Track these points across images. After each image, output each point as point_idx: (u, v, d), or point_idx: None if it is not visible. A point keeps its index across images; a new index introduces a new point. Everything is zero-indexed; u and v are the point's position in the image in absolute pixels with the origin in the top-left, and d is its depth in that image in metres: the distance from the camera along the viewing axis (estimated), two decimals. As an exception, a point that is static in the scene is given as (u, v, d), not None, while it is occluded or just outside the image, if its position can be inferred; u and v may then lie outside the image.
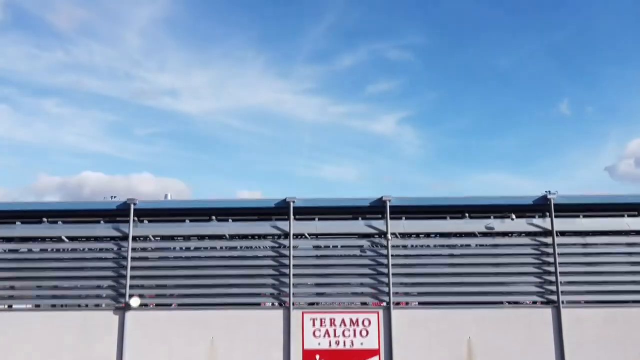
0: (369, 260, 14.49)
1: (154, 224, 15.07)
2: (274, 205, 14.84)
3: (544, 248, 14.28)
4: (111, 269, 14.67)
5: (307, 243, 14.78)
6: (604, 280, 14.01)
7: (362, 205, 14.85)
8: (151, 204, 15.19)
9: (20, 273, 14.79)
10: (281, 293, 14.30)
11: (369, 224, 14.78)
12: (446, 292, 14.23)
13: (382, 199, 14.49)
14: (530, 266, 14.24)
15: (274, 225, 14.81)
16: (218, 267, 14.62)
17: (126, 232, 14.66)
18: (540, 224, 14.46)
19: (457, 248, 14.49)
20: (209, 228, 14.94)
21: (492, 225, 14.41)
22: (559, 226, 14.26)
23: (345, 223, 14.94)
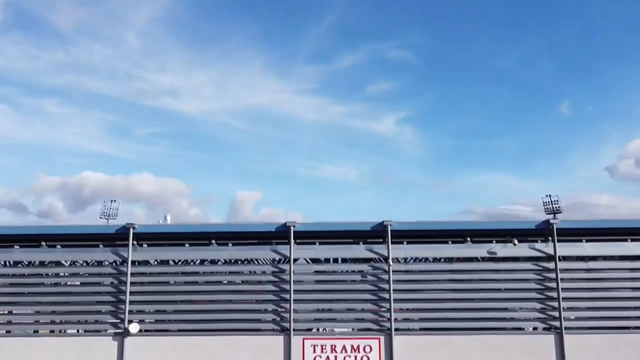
0: (370, 285, 14.36)
1: (153, 248, 14.96)
2: (274, 230, 14.73)
3: (546, 273, 14.15)
4: (110, 294, 14.54)
5: (308, 268, 14.67)
6: (607, 306, 13.88)
7: (363, 230, 14.74)
8: (150, 228, 15.11)
9: (18, 298, 14.68)
10: (282, 319, 14.16)
11: (370, 248, 14.65)
12: (448, 317, 14.10)
13: (383, 223, 14.38)
14: (532, 292, 14.12)
15: (274, 250, 14.69)
16: (218, 292, 14.50)
17: (125, 256, 14.54)
18: (542, 248, 14.34)
19: (459, 273, 14.36)
20: (209, 252, 14.83)
21: (494, 250, 14.29)
22: (561, 251, 14.14)
23: (346, 247, 14.82)
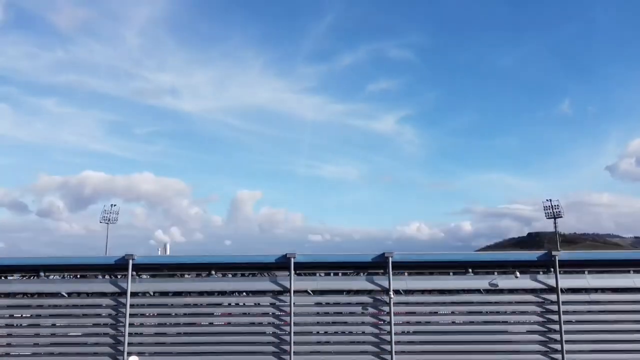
0: (371, 317, 14.23)
1: (152, 279, 14.85)
2: (275, 261, 14.64)
3: (548, 305, 14.04)
4: (109, 326, 14.39)
5: (308, 300, 14.53)
6: (609, 339, 13.75)
7: (363, 261, 14.67)
8: (150, 259, 15.02)
9: (16, 330, 14.52)
10: (282, 350, 14.00)
11: (371, 279, 14.54)
12: (450, 350, 13.94)
13: (384, 255, 14.31)
14: (534, 324, 14.00)
15: (274, 281, 14.59)
16: (217, 324, 14.37)
17: (124, 287, 14.43)
18: (544, 280, 14.25)
19: (461, 305, 14.26)
20: (209, 284, 14.71)
21: (495, 282, 14.21)
22: (563, 283, 14.05)
23: (347, 279, 14.73)
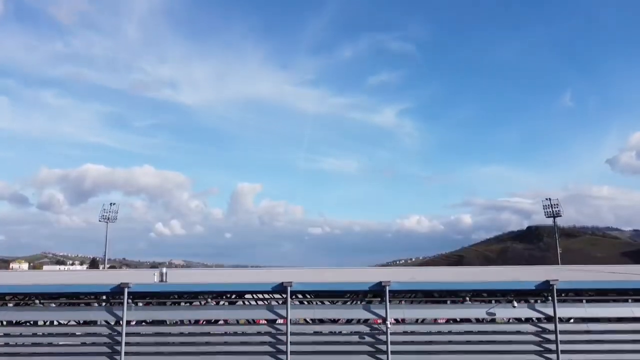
0: (368, 346, 14.17)
1: (148, 308, 14.78)
2: (271, 289, 14.56)
3: (546, 335, 13.98)
4: (105, 355, 14.33)
5: (305, 328, 14.49)
6: (608, 370, 13.70)
7: (360, 290, 14.60)
8: (145, 287, 14.90)
9: (10, 359, 14.45)
10: (278, 380, 13.95)
11: (368, 308, 14.47)
12: (447, 380, 13.90)
13: (381, 283, 14.23)
14: (532, 354, 13.92)
15: (270, 309, 14.51)
16: (214, 353, 14.29)
17: (120, 315, 14.36)
18: (542, 309, 14.18)
19: (458, 334, 14.20)
20: (205, 312, 14.64)
21: (493, 311, 14.14)
22: (561, 312, 13.98)
23: (344, 307, 14.67)
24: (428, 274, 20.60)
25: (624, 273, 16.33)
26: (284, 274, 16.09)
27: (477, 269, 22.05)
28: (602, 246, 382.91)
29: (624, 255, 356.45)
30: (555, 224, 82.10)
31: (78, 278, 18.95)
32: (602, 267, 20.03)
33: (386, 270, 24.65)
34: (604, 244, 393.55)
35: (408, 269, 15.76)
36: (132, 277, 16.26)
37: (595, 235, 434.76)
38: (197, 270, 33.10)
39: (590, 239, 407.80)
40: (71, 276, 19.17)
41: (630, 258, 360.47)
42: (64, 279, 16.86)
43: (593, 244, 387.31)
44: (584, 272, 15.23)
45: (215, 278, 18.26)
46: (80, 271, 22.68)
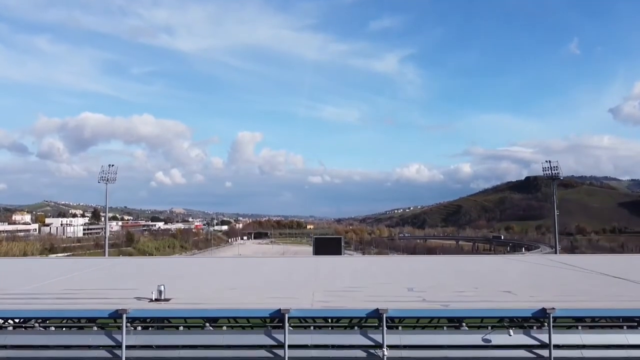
0: (365, 372, 14.37)
1: (146, 332, 14.94)
2: (269, 315, 14.63)
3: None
4: (105, 378, 14.56)
5: (303, 353, 14.64)
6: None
7: (357, 316, 14.69)
8: (142, 312, 14.95)
9: (13, 382, 14.70)
10: (276, 404, 14.23)
11: (365, 333, 14.59)
12: (442, 403, 14.19)
13: (378, 310, 14.28)
14: (527, 380, 14.16)
15: (268, 335, 14.63)
16: (213, 377, 14.52)
17: (119, 340, 14.49)
18: (537, 336, 14.30)
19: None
20: (203, 337, 14.77)
21: (489, 337, 14.27)
22: (556, 339, 14.09)
23: (341, 333, 14.84)
24: (426, 278, 20.73)
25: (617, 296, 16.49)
26: (282, 299, 16.15)
27: (478, 269, 22.15)
28: (599, 197, 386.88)
29: (620, 206, 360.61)
30: (553, 187, 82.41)
31: (81, 285, 19.05)
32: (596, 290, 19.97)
33: (385, 268, 25.17)
34: (601, 194, 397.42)
35: (408, 278, 15.33)
36: (134, 284, 16.34)
37: (593, 185, 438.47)
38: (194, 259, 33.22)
39: (588, 190, 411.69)
40: (75, 285, 19.27)
41: (627, 208, 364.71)
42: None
43: (590, 195, 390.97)
44: (581, 301, 15.34)
45: (212, 290, 18.35)
46: (83, 274, 22.93)
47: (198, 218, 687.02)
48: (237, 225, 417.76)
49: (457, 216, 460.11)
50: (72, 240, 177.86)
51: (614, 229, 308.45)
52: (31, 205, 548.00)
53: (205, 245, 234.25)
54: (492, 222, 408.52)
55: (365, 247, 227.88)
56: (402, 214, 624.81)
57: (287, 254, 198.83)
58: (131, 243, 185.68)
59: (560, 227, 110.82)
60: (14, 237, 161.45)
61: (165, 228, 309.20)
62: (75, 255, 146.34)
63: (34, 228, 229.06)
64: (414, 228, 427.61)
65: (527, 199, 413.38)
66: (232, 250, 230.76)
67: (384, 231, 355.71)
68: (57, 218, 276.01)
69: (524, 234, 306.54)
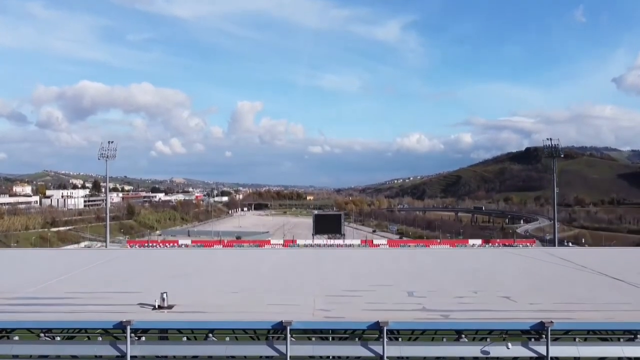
0: (365, 382, 14.68)
1: (150, 342, 15.18)
2: (271, 327, 14.84)
3: (538, 373, 14.45)
4: (110, 387, 14.89)
5: (304, 364, 14.95)
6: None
7: (358, 328, 14.91)
8: (146, 324, 15.17)
9: (20, 391, 15.04)
10: (278, 414, 14.59)
11: (366, 345, 14.84)
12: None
13: (378, 323, 14.49)
14: (524, 391, 14.48)
15: (270, 345, 14.88)
16: (216, 386, 14.85)
17: (124, 351, 14.76)
18: (535, 348, 14.54)
19: (453, 371, 14.68)
20: (206, 348, 15.03)
21: (487, 349, 14.52)
22: (554, 351, 14.35)
23: (343, 344, 15.08)
24: (426, 279, 20.92)
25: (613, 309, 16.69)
26: (284, 306, 16.37)
27: (477, 268, 22.33)
28: (599, 168, 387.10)
29: (620, 177, 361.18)
30: (554, 164, 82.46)
31: (84, 287, 19.25)
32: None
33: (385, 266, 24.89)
34: (601, 165, 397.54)
35: (409, 282, 15.33)
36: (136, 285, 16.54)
37: (593, 156, 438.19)
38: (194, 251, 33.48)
39: (588, 161, 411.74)
40: (77, 287, 19.48)
41: (626, 180, 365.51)
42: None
43: (590, 166, 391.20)
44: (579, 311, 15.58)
45: (213, 294, 18.57)
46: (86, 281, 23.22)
47: (198, 188, 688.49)
48: (237, 196, 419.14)
49: (456, 187, 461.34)
50: (73, 213, 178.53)
51: (613, 201, 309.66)
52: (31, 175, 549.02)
53: (206, 217, 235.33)
54: (491, 192, 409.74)
55: (364, 219, 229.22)
56: (401, 184, 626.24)
57: (287, 226, 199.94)
58: (132, 215, 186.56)
59: (559, 199, 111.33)
60: (15, 210, 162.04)
61: (165, 199, 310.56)
62: (77, 228, 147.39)
63: (34, 200, 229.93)
64: (413, 199, 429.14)
65: (526, 170, 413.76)
66: (232, 222, 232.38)
67: (383, 202, 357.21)
68: (58, 190, 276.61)
69: (523, 205, 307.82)
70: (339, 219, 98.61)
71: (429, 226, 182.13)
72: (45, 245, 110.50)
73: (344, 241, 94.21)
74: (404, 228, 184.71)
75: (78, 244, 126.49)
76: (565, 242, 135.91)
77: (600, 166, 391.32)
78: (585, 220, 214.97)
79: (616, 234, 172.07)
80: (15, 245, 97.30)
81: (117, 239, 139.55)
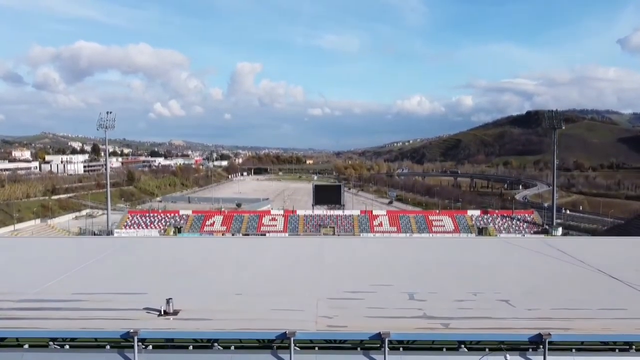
0: (367, 391, 15.13)
1: (157, 351, 15.54)
2: (275, 337, 15.18)
3: (535, 383, 14.87)
4: (119, 394, 15.35)
5: (308, 372, 15.35)
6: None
7: (360, 339, 15.25)
8: (153, 334, 15.51)
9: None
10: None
11: (368, 354, 15.21)
12: (440, 418, 15.05)
13: (380, 334, 14.82)
14: (521, 401, 14.93)
15: (275, 355, 15.25)
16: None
17: (131, 359, 15.17)
18: (532, 358, 14.92)
19: (452, 381, 15.10)
20: (212, 356, 15.41)
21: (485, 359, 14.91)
22: (551, 362, 14.76)
23: (344, 354, 15.42)
24: (426, 280, 21.21)
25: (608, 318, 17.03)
26: (287, 312, 16.72)
27: (476, 263, 22.64)
28: (600, 132, 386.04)
29: (620, 141, 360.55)
30: (554, 138, 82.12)
31: (88, 287, 19.56)
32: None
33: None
34: (601, 129, 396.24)
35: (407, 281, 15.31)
36: (140, 285, 16.87)
37: (594, 120, 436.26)
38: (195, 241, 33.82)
39: (588, 124, 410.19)
40: (82, 287, 19.82)
41: (626, 144, 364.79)
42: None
43: (590, 130, 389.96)
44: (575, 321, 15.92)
45: (217, 296, 18.89)
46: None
47: (197, 151, 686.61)
48: (236, 160, 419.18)
49: (456, 150, 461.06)
50: (73, 180, 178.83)
51: (612, 165, 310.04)
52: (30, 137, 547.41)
53: (206, 183, 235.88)
54: (490, 156, 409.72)
55: (364, 185, 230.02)
56: (401, 147, 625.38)
57: (286, 192, 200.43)
58: (132, 182, 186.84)
59: (558, 163, 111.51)
60: (15, 177, 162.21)
61: (165, 164, 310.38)
62: (77, 196, 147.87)
63: (34, 166, 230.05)
64: (412, 162, 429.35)
65: (527, 133, 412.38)
66: (232, 187, 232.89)
67: (382, 166, 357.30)
68: (57, 155, 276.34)
69: (522, 170, 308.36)
70: (339, 189, 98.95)
71: (428, 192, 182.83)
72: (47, 214, 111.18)
73: (344, 212, 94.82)
74: (403, 194, 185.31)
75: (79, 212, 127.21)
76: (563, 209, 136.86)
77: (600, 130, 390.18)
78: (584, 186, 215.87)
79: (614, 200, 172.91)
80: (17, 215, 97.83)
81: (118, 206, 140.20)
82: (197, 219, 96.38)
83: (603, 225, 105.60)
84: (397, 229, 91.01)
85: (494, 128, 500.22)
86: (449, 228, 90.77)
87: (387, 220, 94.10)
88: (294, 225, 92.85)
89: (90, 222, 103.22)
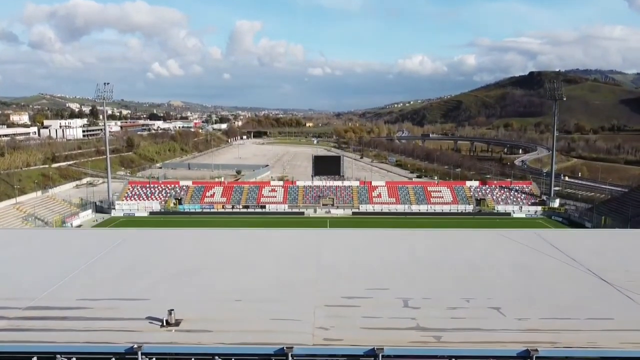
0: (362, 401, 15.85)
1: (161, 364, 16.23)
2: (273, 353, 15.80)
3: (522, 396, 15.56)
4: (125, 404, 16.09)
5: (305, 384, 16.04)
6: None
7: (355, 354, 15.84)
8: (156, 348, 16.11)
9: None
10: None
11: (362, 367, 15.87)
12: None
13: (374, 350, 15.42)
14: (509, 414, 15.64)
15: (273, 368, 15.92)
16: (223, 403, 16.02)
17: (136, 372, 15.85)
18: (521, 373, 15.58)
19: (443, 393, 15.78)
20: (213, 369, 16.08)
21: (476, 373, 15.55)
22: (538, 376, 15.39)
23: (340, 367, 16.09)
24: (422, 283, 21.70)
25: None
26: (284, 321, 17.34)
27: (471, 263, 23.15)
28: (602, 93, 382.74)
29: (622, 103, 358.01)
30: (555, 111, 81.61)
31: (90, 293, 20.09)
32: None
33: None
34: (604, 90, 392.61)
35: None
36: (143, 290, 17.44)
37: (597, 81, 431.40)
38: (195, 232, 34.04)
39: (591, 86, 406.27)
40: (84, 293, 20.35)
41: (628, 105, 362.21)
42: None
43: (593, 91, 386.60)
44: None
45: (217, 303, 19.43)
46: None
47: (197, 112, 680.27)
48: (236, 122, 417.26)
49: (457, 112, 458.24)
50: (73, 146, 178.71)
51: (613, 127, 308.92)
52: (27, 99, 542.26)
53: (205, 147, 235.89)
54: (491, 118, 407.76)
55: (364, 149, 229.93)
56: (402, 108, 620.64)
57: (286, 157, 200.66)
58: (132, 148, 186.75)
59: (558, 124, 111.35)
60: (14, 144, 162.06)
61: (164, 127, 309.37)
62: (77, 163, 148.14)
63: (33, 131, 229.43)
64: (413, 124, 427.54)
65: (528, 95, 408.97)
66: (231, 152, 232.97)
67: (382, 129, 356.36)
68: (56, 119, 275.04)
69: (523, 132, 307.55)
70: (338, 161, 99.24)
71: (428, 157, 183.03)
72: (48, 183, 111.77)
73: (343, 183, 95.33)
74: (402, 159, 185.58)
75: (80, 180, 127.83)
76: (562, 175, 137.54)
77: (603, 91, 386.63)
78: (584, 150, 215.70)
79: (613, 164, 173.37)
80: (18, 186, 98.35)
81: (118, 174, 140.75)
82: (197, 190, 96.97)
83: (601, 194, 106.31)
84: (395, 199, 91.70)
85: (496, 89, 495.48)
86: (447, 199, 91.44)
87: (386, 191, 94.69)
88: (293, 196, 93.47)
89: (91, 192, 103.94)
